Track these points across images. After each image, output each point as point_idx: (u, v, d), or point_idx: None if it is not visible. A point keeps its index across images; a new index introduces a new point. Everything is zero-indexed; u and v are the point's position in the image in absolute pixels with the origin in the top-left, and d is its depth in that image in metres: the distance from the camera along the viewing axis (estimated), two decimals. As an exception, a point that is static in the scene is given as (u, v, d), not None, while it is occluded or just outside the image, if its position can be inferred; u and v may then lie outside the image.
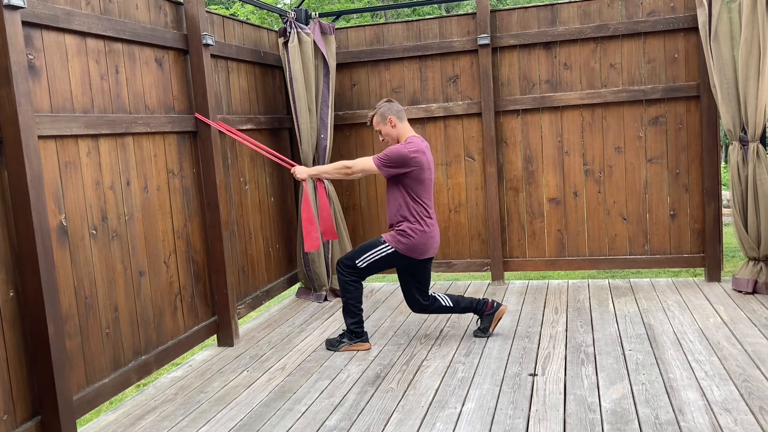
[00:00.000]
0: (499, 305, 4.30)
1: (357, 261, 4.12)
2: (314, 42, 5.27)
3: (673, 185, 5.35)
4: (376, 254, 4.09)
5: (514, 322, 4.56)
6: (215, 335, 4.55)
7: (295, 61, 5.22)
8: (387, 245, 4.08)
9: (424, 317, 4.84)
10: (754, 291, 4.80)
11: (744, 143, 4.76)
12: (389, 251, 4.07)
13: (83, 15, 3.38)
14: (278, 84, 5.69)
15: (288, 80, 5.28)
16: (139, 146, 3.83)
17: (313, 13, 5.51)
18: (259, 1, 5.52)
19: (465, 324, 4.59)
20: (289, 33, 5.23)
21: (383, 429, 3.10)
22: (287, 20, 5.26)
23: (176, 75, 4.22)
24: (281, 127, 5.61)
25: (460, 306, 4.29)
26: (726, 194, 11.34)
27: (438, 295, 4.30)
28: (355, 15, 16.23)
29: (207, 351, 4.46)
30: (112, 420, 3.44)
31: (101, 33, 3.50)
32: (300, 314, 5.19)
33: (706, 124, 5.14)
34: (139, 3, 3.89)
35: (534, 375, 3.61)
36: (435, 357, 4.01)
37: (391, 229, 4.12)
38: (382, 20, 15.34)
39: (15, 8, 2.86)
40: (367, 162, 4.05)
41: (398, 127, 4.13)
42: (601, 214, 5.51)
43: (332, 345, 4.26)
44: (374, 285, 6.02)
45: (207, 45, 4.31)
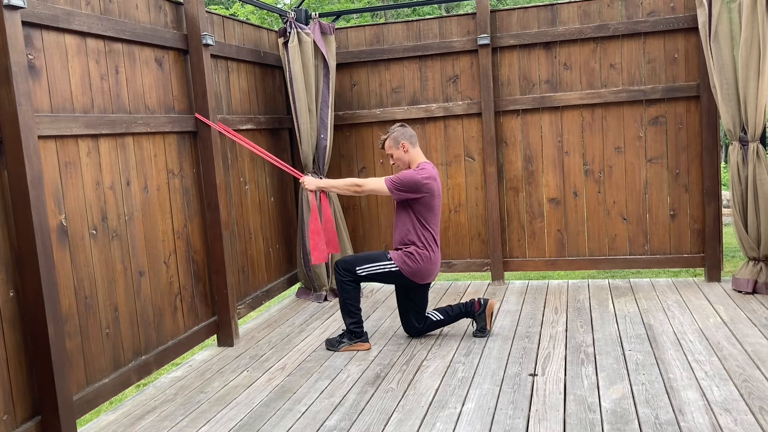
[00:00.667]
0: (486, 301, 4.31)
1: (357, 268, 4.15)
2: (314, 42, 5.27)
3: (673, 185, 5.35)
4: (379, 269, 4.14)
5: (514, 322, 4.56)
6: (215, 335, 4.55)
7: (295, 61, 5.22)
8: (392, 264, 4.12)
9: (424, 317, 4.84)
10: (754, 291, 4.80)
11: (744, 143, 4.76)
12: (393, 269, 4.12)
13: (83, 15, 3.38)
14: (278, 84, 5.69)
15: (288, 80, 5.28)
16: (139, 146, 3.84)
17: (313, 13, 5.51)
18: (259, 1, 5.52)
19: (465, 324, 4.59)
20: (289, 33, 5.23)
21: (383, 429, 3.10)
22: (287, 20, 5.26)
23: (176, 75, 4.22)
24: (281, 127, 5.61)
25: (450, 316, 4.34)
26: (726, 194, 11.34)
27: (429, 314, 4.35)
28: (355, 15, 16.23)
29: (207, 351, 4.46)
30: (112, 420, 3.44)
31: (101, 33, 3.50)
32: (300, 314, 5.19)
33: (706, 124, 5.14)
34: (139, 3, 3.89)
35: (534, 375, 3.61)
36: (435, 357, 4.01)
37: (402, 246, 4.16)
38: (382, 20, 15.35)
39: (15, 8, 2.86)
40: (379, 183, 4.09)
41: (410, 153, 4.18)
42: (601, 214, 5.51)
43: (332, 345, 4.26)
44: (374, 285, 6.02)
45: (207, 45, 4.31)
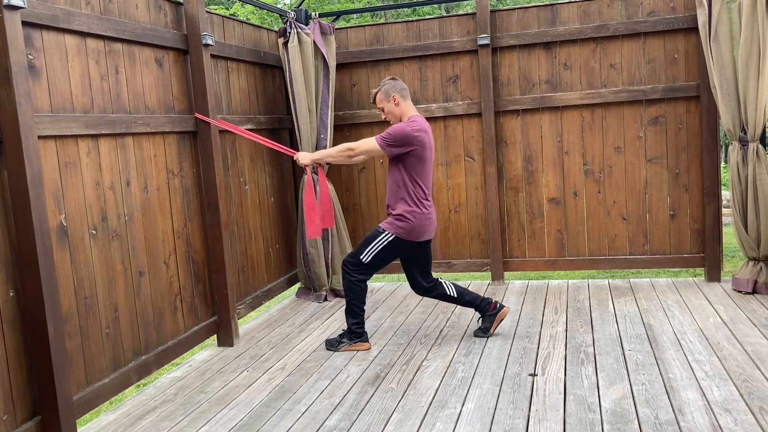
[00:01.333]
0: (502, 306, 4.30)
1: (361, 256, 4.10)
2: (314, 42, 5.27)
3: (673, 185, 5.35)
4: (378, 244, 4.06)
5: (514, 322, 4.56)
6: (215, 335, 4.55)
7: (295, 61, 5.22)
8: (386, 233, 4.06)
9: (424, 317, 4.84)
10: (754, 291, 4.80)
11: (744, 143, 4.76)
12: (390, 238, 4.05)
13: (83, 15, 3.38)
14: (278, 84, 5.69)
15: (288, 80, 5.29)
16: (139, 146, 3.84)
17: (313, 13, 5.51)
18: (259, 1, 5.52)
19: (465, 324, 4.59)
20: (289, 33, 5.23)
21: (383, 429, 3.10)
22: (287, 20, 5.26)
23: (176, 75, 4.22)
24: (281, 127, 5.61)
25: (464, 299, 4.27)
26: (726, 194, 11.34)
27: (443, 282, 4.29)
28: (355, 15, 16.23)
29: (207, 351, 4.46)
30: (112, 420, 3.44)
31: (101, 33, 3.50)
32: (300, 314, 5.19)
33: (706, 124, 5.14)
34: (139, 3, 3.89)
35: (534, 375, 3.61)
36: (435, 357, 4.01)
37: (388, 215, 4.11)
38: (382, 20, 15.34)
39: (15, 8, 2.86)
40: (370, 143, 4.02)
41: (401, 106, 4.10)
42: (601, 214, 5.51)
43: (332, 345, 4.26)
44: (374, 285, 6.02)
45: (207, 45, 4.31)
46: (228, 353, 4.38)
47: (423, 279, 4.25)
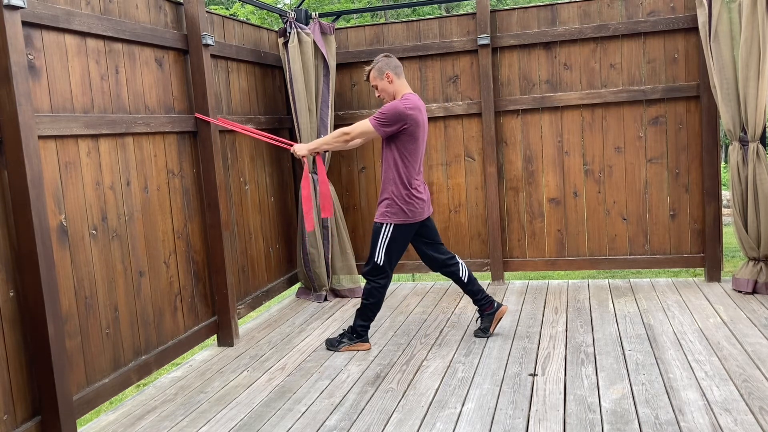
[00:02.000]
0: (500, 305, 4.31)
1: (375, 260, 4.08)
2: (314, 42, 5.27)
3: (673, 185, 5.35)
4: (383, 240, 4.05)
5: (514, 322, 4.56)
6: (215, 335, 4.55)
7: (295, 61, 5.22)
8: (384, 224, 4.04)
9: (424, 317, 4.84)
10: (754, 291, 4.80)
11: (744, 143, 4.76)
12: (390, 229, 4.03)
13: (83, 15, 3.38)
14: (278, 84, 5.69)
15: (288, 80, 5.29)
16: (139, 146, 3.84)
17: (313, 13, 5.51)
18: (259, 1, 5.52)
19: (465, 324, 4.59)
20: (289, 33, 5.23)
21: (383, 429, 3.10)
22: (287, 20, 5.26)
23: (176, 75, 4.22)
24: (281, 127, 5.62)
25: (472, 287, 4.27)
26: (726, 194, 11.34)
27: (460, 263, 4.29)
28: (355, 15, 16.23)
29: (207, 351, 4.46)
30: (112, 420, 3.44)
31: (101, 33, 3.50)
32: (300, 314, 5.19)
33: (706, 124, 5.14)
34: (139, 3, 3.89)
35: (534, 375, 3.61)
36: (435, 357, 4.01)
37: (379, 205, 4.08)
38: (382, 20, 15.34)
39: (15, 8, 2.86)
40: (364, 124, 3.97)
41: (395, 83, 4.05)
42: (601, 214, 5.51)
43: (332, 345, 4.26)
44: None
45: (207, 45, 4.31)
46: (228, 353, 4.38)
47: (436, 252, 4.23)
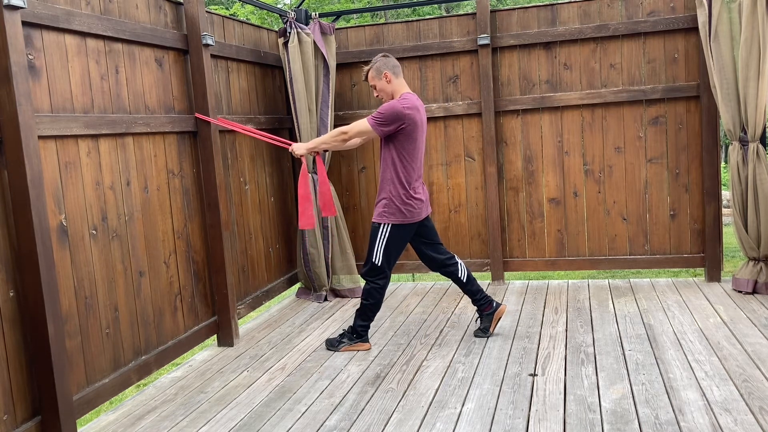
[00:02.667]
0: (499, 305, 4.31)
1: (373, 260, 4.08)
2: (314, 42, 5.27)
3: (673, 185, 5.35)
4: (381, 240, 4.04)
5: (514, 322, 4.56)
6: (215, 335, 4.55)
7: (295, 61, 5.22)
8: (382, 225, 4.04)
9: (424, 317, 4.84)
10: (754, 291, 4.81)
11: (744, 143, 4.76)
12: (388, 229, 4.03)
13: (83, 15, 3.38)
14: (278, 84, 5.69)
15: (288, 80, 5.29)
16: (139, 146, 3.84)
17: (313, 13, 5.51)
18: (259, 1, 5.52)
19: (465, 324, 4.59)
20: (289, 33, 5.23)
21: (383, 429, 3.10)
22: (287, 20, 5.26)
23: (176, 75, 4.22)
24: (281, 127, 5.62)
25: (471, 287, 4.27)
26: (726, 194, 11.34)
27: (459, 262, 4.29)
28: (355, 15, 16.23)
29: (207, 351, 4.46)
30: (112, 420, 3.44)
31: (101, 33, 3.50)
32: (300, 314, 5.19)
33: (706, 124, 5.14)
34: (139, 3, 3.89)
35: (534, 375, 3.61)
36: (435, 357, 4.01)
37: (377, 205, 4.08)
38: (382, 20, 15.34)
39: (15, 8, 2.86)
40: (362, 123, 3.97)
41: (393, 83, 4.04)
42: (601, 214, 5.51)
43: (332, 345, 4.26)
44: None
45: (207, 45, 4.31)
46: (228, 353, 4.38)
47: (435, 252, 4.23)
